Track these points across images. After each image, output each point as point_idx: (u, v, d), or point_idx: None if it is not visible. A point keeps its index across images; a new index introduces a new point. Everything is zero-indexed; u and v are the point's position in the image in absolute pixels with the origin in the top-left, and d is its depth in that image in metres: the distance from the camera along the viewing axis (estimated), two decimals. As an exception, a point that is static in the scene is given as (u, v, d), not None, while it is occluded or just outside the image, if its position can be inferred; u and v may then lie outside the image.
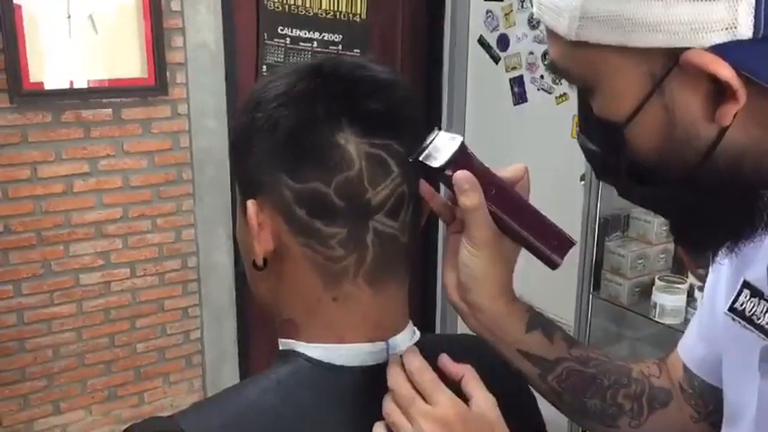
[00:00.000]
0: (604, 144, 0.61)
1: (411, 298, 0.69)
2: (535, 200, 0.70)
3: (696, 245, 0.70)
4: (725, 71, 0.51)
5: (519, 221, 0.68)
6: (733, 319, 0.74)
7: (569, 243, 0.71)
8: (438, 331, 3.30)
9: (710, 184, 0.57)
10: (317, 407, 0.62)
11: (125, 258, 2.57)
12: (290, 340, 0.66)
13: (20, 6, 2.20)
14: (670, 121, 0.56)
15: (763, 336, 0.71)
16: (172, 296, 2.68)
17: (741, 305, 0.73)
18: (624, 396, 0.80)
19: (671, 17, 0.51)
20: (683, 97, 0.54)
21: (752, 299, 0.72)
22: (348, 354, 0.64)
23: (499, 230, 0.67)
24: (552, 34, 0.59)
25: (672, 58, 0.52)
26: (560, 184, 2.55)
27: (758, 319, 0.71)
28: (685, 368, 0.85)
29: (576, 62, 0.58)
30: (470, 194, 0.64)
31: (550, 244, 0.69)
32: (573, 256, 2.23)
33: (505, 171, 0.68)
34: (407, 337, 0.67)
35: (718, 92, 0.53)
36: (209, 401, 0.67)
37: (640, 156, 0.59)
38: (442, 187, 0.67)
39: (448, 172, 0.64)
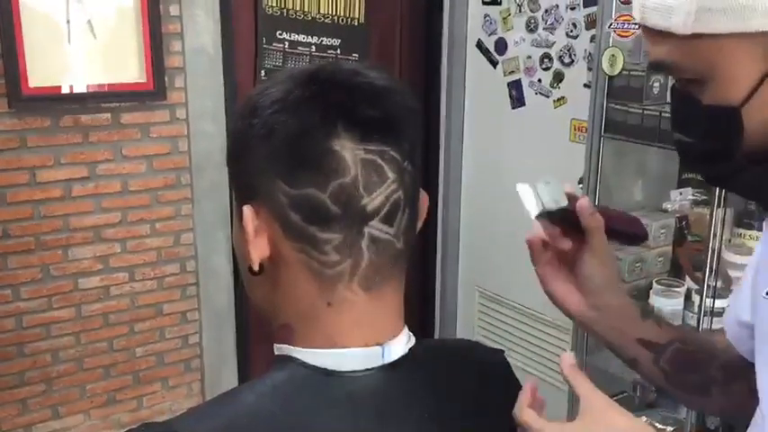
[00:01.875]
0: (714, 131, 0.65)
1: (410, 301, 0.69)
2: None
3: None
4: None
5: (616, 224, 0.83)
6: None
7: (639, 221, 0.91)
8: (437, 335, 3.30)
9: None
10: (313, 412, 0.63)
11: (124, 263, 2.57)
12: (286, 345, 0.66)
13: (19, 11, 2.20)
14: None
15: None
16: (171, 300, 2.68)
17: None
18: (716, 368, 0.87)
19: None
20: None
21: None
22: (342, 359, 0.64)
23: None
24: (656, 34, 0.63)
25: None
26: (558, 188, 2.54)
27: None
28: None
29: (688, 56, 0.62)
30: (596, 215, 0.78)
31: (635, 227, 0.89)
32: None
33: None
34: (402, 342, 0.67)
35: None
36: (205, 407, 0.67)
37: (755, 136, 0.62)
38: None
39: (568, 207, 0.77)
